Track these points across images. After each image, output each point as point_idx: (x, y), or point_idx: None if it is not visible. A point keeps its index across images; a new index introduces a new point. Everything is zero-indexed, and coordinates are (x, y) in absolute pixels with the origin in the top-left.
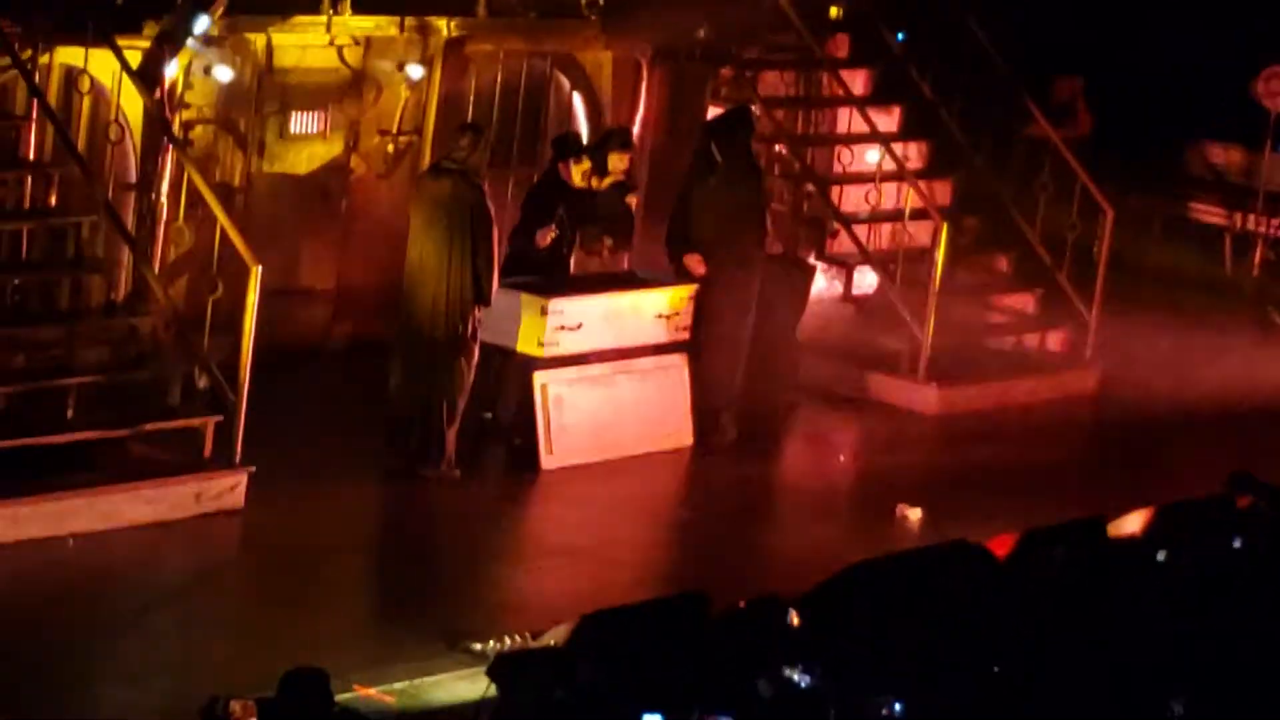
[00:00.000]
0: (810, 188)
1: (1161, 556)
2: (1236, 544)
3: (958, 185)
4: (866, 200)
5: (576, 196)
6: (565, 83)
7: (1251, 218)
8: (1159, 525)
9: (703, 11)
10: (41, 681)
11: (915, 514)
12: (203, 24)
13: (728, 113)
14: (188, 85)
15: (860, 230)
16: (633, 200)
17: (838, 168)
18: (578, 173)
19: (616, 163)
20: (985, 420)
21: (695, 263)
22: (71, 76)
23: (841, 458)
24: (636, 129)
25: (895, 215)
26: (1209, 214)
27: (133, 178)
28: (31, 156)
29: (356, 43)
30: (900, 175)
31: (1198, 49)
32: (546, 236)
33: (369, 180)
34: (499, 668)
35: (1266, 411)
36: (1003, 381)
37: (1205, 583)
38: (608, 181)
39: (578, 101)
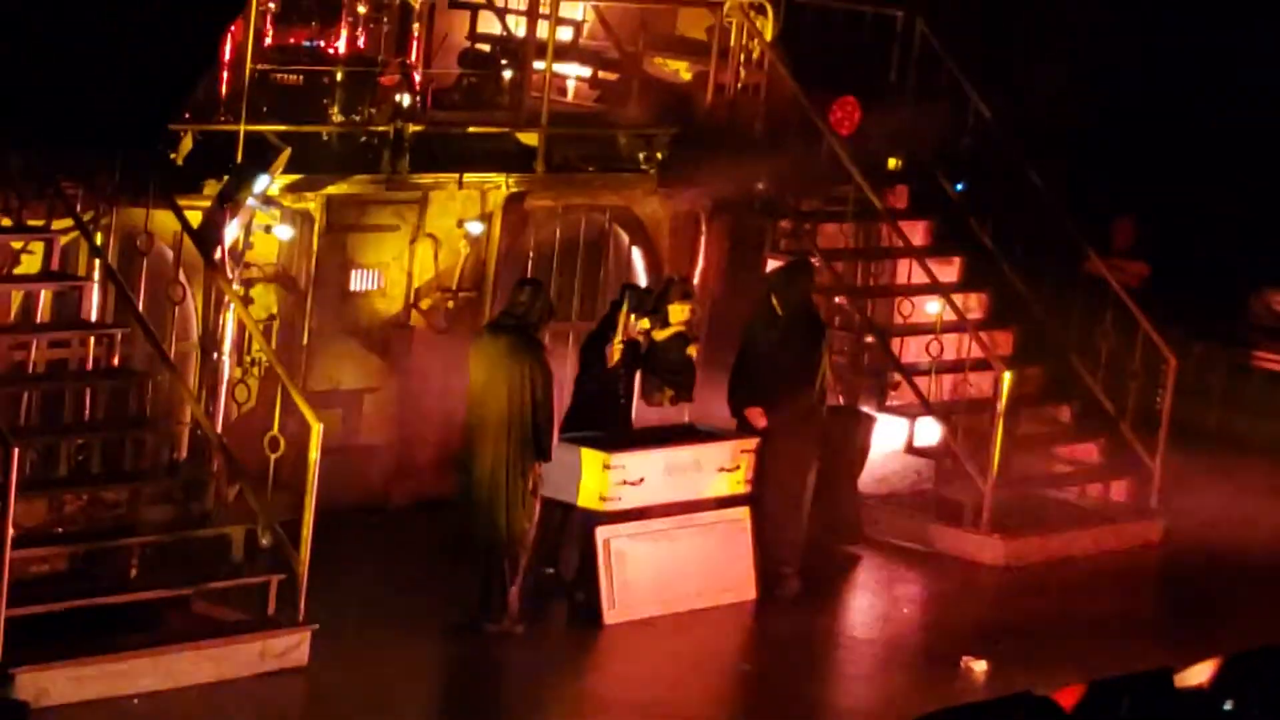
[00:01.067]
0: (871, 339)
1: (1228, 706)
2: None
3: (1019, 335)
4: (927, 351)
5: (634, 344)
6: (624, 236)
7: None
8: (1226, 675)
9: (761, 164)
10: None
11: (980, 666)
12: (263, 183)
13: (788, 265)
14: (248, 244)
15: (921, 381)
16: (693, 350)
17: (898, 319)
18: (634, 326)
19: (677, 313)
20: (1050, 571)
21: (757, 415)
22: (133, 237)
23: (905, 610)
24: (696, 281)
25: (956, 366)
26: (1273, 361)
27: (194, 336)
28: (94, 317)
29: (416, 200)
30: (961, 326)
31: (1259, 196)
32: (614, 354)
33: (430, 336)
34: None
35: None
36: (1067, 532)
37: None
38: (669, 332)
39: (637, 255)
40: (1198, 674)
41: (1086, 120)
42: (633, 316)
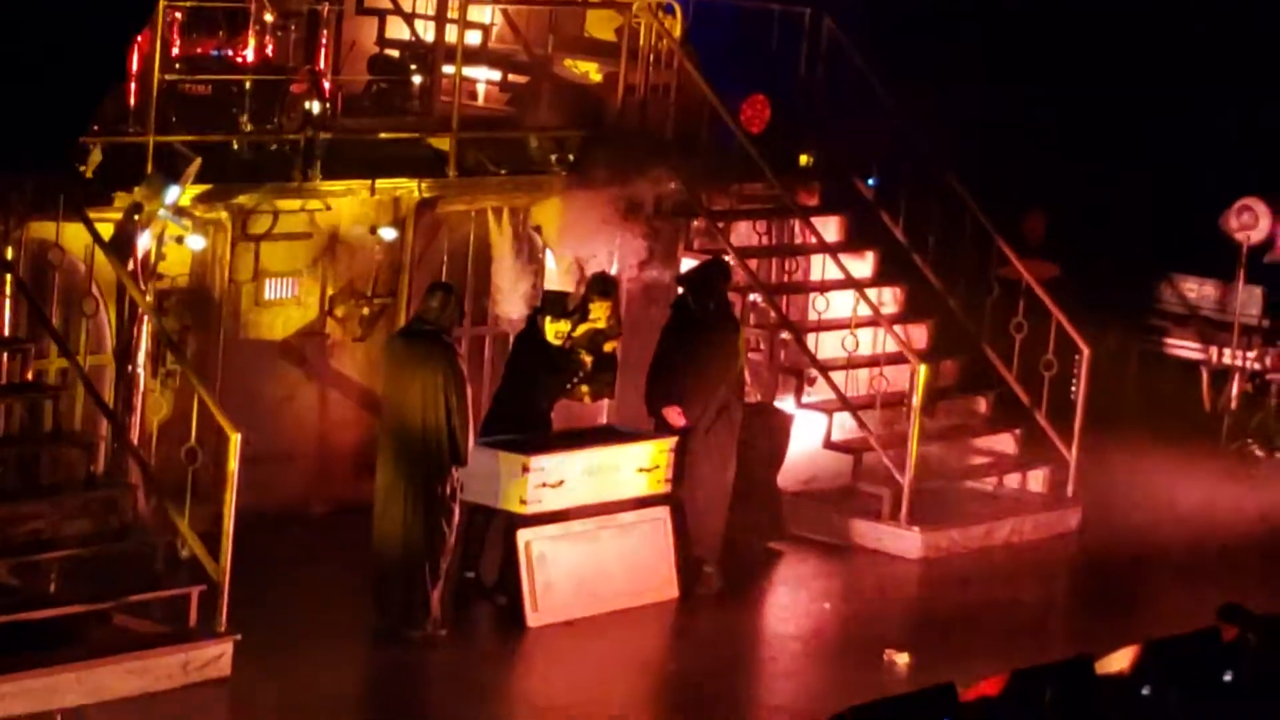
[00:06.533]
0: (786, 335)
1: (1146, 691)
2: (1228, 678)
3: (934, 328)
4: (843, 346)
5: (556, 351)
6: (538, 239)
7: (1227, 351)
8: (1147, 662)
9: (672, 164)
10: None
11: (903, 659)
12: (174, 194)
13: (702, 264)
14: (160, 255)
15: (838, 376)
16: (612, 347)
17: (813, 315)
18: (552, 330)
19: (597, 310)
20: (969, 562)
21: (674, 415)
22: (44, 250)
23: (827, 605)
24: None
25: (872, 361)
26: (1185, 348)
27: (109, 349)
28: (6, 332)
29: (328, 207)
30: (876, 320)
31: (1169, 182)
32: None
33: (345, 344)
34: None
35: (1248, 544)
36: (985, 523)
37: (1196, 718)
38: (584, 328)
39: (550, 258)
40: (1118, 661)
41: (993, 111)
42: (548, 319)
